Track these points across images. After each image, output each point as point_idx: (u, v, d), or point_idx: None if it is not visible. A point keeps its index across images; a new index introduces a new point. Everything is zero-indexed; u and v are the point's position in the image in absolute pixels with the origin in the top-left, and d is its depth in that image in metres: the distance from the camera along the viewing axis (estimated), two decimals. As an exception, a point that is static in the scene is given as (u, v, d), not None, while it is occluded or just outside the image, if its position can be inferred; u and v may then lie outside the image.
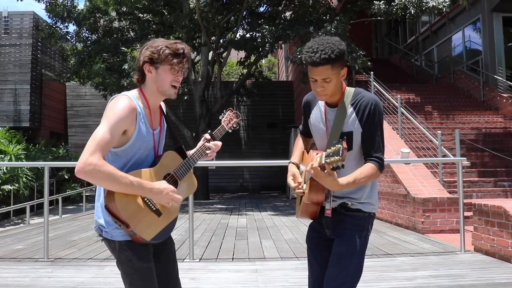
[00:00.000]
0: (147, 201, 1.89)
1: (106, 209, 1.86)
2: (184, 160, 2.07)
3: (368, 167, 1.97)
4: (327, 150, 1.80)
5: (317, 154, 1.92)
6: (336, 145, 1.75)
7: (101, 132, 1.80)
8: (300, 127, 2.33)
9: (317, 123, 2.14)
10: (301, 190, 2.08)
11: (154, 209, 1.90)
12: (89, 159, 1.74)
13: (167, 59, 1.91)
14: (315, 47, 1.95)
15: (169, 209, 1.96)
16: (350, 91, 2.07)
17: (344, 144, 1.73)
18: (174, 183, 2.00)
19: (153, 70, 1.93)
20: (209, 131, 2.26)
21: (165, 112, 2.15)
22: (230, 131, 2.39)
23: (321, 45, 1.94)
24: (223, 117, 2.37)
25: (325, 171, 1.81)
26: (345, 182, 1.91)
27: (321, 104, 2.14)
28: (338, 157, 1.71)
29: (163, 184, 1.89)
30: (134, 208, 1.85)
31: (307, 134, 2.27)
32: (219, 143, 2.20)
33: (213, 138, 2.22)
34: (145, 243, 1.90)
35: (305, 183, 2.09)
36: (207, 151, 2.18)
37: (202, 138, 2.22)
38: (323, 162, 1.79)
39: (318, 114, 2.14)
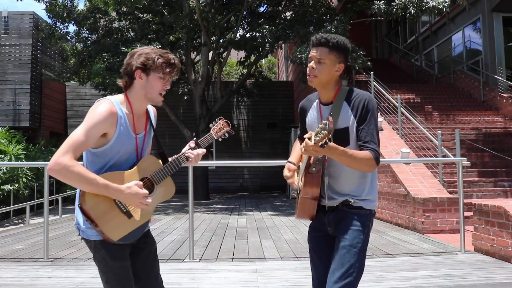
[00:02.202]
0: (118, 203, 1.94)
1: (79, 208, 1.93)
2: (164, 166, 2.11)
3: (364, 152, 2.01)
4: (316, 129, 1.84)
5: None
6: (323, 121, 1.80)
7: (77, 133, 1.88)
8: (298, 132, 2.38)
9: (313, 122, 2.20)
10: (292, 180, 2.17)
11: (124, 210, 1.96)
12: (60, 159, 1.81)
13: (161, 67, 1.98)
14: (322, 34, 2.11)
15: (141, 212, 2.00)
16: (344, 89, 2.15)
17: (330, 119, 1.77)
18: (150, 186, 2.04)
19: (144, 77, 1.99)
20: (194, 138, 2.30)
21: (153, 117, 2.19)
22: (219, 139, 2.41)
23: (329, 34, 2.11)
24: (213, 125, 2.39)
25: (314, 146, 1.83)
26: (341, 149, 1.93)
27: (316, 104, 2.20)
28: (325, 131, 1.76)
29: (132, 188, 1.92)
30: (104, 208, 1.91)
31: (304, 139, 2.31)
32: (201, 152, 2.22)
33: (198, 146, 2.25)
34: (114, 243, 1.94)
35: (301, 178, 2.14)
36: (189, 159, 2.20)
37: (187, 145, 2.25)
38: (313, 141, 1.82)
39: (313, 113, 2.21)
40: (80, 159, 1.96)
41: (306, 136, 1.90)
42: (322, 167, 2.08)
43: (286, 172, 2.22)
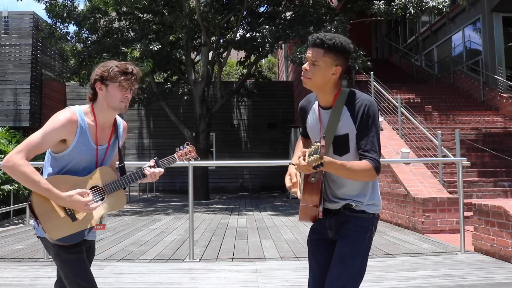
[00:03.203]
0: None
1: (28, 204, 2.06)
2: (119, 178, 2.19)
3: (363, 162, 1.93)
4: (308, 149, 1.78)
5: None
6: (316, 143, 1.76)
7: (34, 136, 2.01)
8: (300, 129, 2.34)
9: (312, 126, 2.14)
10: (295, 190, 2.10)
11: (69, 213, 2.05)
12: (12, 157, 1.95)
13: (116, 76, 2.07)
14: (319, 34, 1.99)
15: (86, 216, 2.08)
16: (344, 92, 2.04)
17: (322, 142, 1.72)
18: (100, 195, 2.12)
19: (103, 88, 2.10)
20: (155, 158, 2.35)
21: (121, 131, 2.26)
22: (182, 162, 2.49)
23: (327, 34, 1.99)
24: (180, 149, 2.45)
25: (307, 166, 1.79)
26: (339, 163, 1.88)
27: (315, 107, 2.12)
28: (317, 155, 1.71)
29: (73, 197, 2.00)
30: (49, 208, 2.01)
31: (306, 136, 2.27)
32: (158, 172, 2.27)
33: (157, 165, 2.31)
34: (53, 243, 2.02)
35: (300, 185, 2.10)
36: (144, 177, 2.26)
37: (148, 163, 2.32)
38: (306, 161, 1.78)
39: (313, 117, 2.13)
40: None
41: (300, 155, 1.83)
42: (321, 175, 2.02)
43: (287, 182, 2.14)
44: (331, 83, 2.00)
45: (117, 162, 2.29)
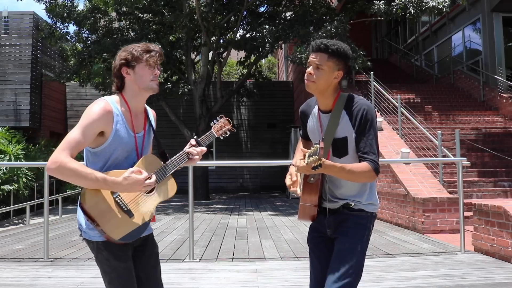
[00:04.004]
0: (119, 202, 1.95)
1: (80, 207, 1.95)
2: (165, 164, 2.12)
3: (363, 164, 2.02)
4: (308, 151, 1.87)
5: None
6: (315, 145, 1.84)
7: (73, 133, 1.91)
8: (300, 131, 2.41)
9: (313, 129, 2.22)
10: (295, 189, 2.16)
11: (125, 209, 1.96)
12: (56, 157, 1.85)
13: (141, 55, 2.01)
14: (322, 39, 2.09)
15: (142, 211, 2.01)
16: (343, 96, 2.12)
17: (321, 144, 1.82)
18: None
19: (130, 72, 2.03)
20: (195, 137, 2.30)
21: (152, 119, 2.21)
22: (221, 138, 2.42)
23: (328, 39, 2.10)
24: (214, 123, 2.39)
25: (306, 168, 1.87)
26: (339, 165, 1.95)
27: (315, 111, 2.21)
28: (316, 156, 1.79)
29: (129, 177, 1.91)
30: (104, 207, 1.92)
31: (307, 138, 2.34)
32: (201, 150, 2.22)
33: (198, 144, 2.24)
34: (115, 242, 1.95)
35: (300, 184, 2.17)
36: (190, 156, 2.20)
37: (188, 143, 2.25)
38: (306, 162, 1.85)
39: (313, 121, 2.22)
40: (82, 160, 1.98)
41: (299, 157, 1.92)
42: (321, 176, 2.10)
43: (288, 181, 2.20)
44: (332, 87, 2.10)
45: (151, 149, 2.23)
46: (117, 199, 1.94)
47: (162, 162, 2.13)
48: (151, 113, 2.23)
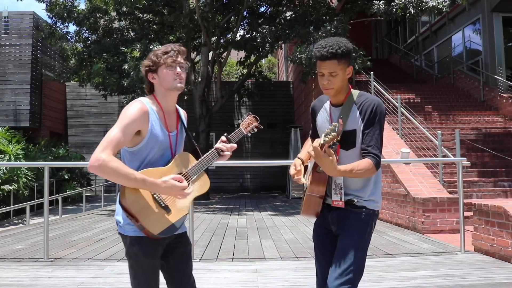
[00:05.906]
0: (157, 198, 2.04)
1: (120, 204, 2.03)
2: (198, 161, 2.21)
3: (365, 161, 2.07)
4: (326, 130, 1.91)
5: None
6: (333, 123, 1.88)
7: (113, 132, 1.99)
8: (310, 131, 2.46)
9: (323, 123, 2.27)
10: (299, 177, 2.21)
11: (163, 205, 2.05)
12: (99, 155, 1.91)
13: (159, 59, 2.11)
14: (324, 44, 2.11)
15: (178, 206, 2.10)
16: (355, 92, 2.20)
17: (340, 121, 1.87)
18: (186, 181, 2.13)
19: (155, 76, 2.13)
20: (225, 134, 2.37)
21: (184, 118, 2.32)
22: (249, 134, 2.50)
23: (329, 42, 2.11)
24: (242, 120, 2.47)
25: (324, 151, 1.90)
26: (343, 169, 2.00)
27: (326, 105, 2.27)
28: (334, 133, 1.84)
29: (168, 182, 2.01)
30: (143, 204, 2.00)
31: (316, 136, 2.37)
32: (230, 147, 2.30)
33: (229, 141, 2.32)
34: (154, 237, 2.02)
35: (308, 176, 2.22)
36: (221, 153, 2.28)
37: (219, 140, 2.33)
38: (322, 141, 1.89)
39: (324, 114, 2.27)
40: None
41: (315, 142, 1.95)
42: None
43: (292, 170, 2.25)
44: (345, 82, 2.18)
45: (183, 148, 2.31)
46: (155, 195, 2.03)
47: (195, 159, 2.22)
48: (183, 113, 2.33)
